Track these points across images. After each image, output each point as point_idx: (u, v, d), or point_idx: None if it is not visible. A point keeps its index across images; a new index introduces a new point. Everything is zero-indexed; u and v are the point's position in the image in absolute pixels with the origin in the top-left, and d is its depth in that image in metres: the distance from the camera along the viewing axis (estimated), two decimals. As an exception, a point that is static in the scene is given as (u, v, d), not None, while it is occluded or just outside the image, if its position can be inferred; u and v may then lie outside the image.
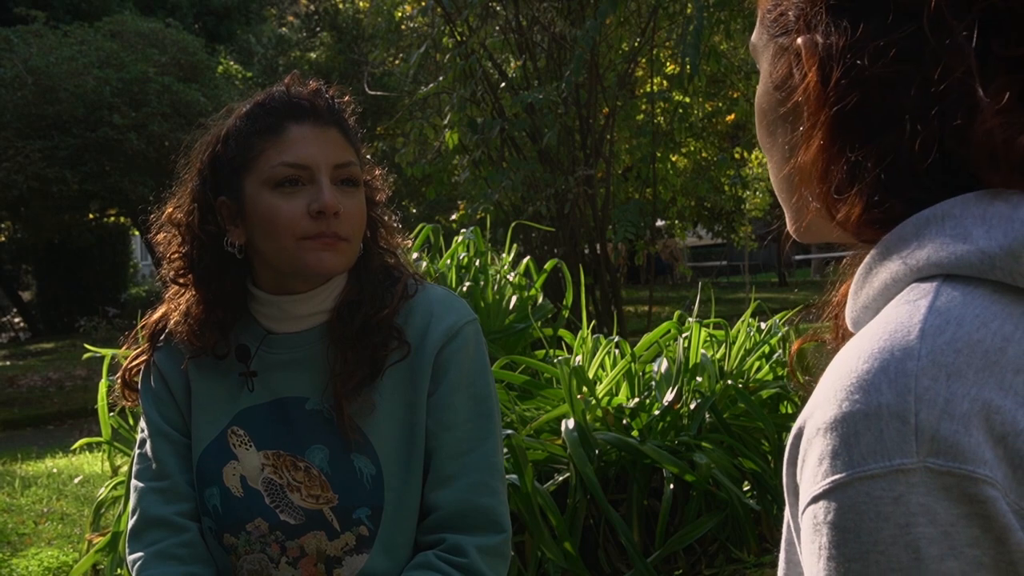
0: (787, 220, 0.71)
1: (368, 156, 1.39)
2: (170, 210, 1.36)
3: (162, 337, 1.40)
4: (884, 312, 0.58)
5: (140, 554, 1.33)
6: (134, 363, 1.43)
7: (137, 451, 1.41)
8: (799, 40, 0.62)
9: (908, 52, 0.57)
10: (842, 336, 0.71)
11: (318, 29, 19.43)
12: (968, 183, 0.57)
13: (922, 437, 0.51)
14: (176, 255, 1.35)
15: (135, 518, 1.35)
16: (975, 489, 0.50)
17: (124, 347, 1.61)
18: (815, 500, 0.53)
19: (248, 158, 1.27)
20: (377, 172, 1.41)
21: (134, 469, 1.40)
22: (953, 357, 0.52)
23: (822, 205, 0.62)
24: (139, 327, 1.48)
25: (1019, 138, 0.55)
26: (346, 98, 1.36)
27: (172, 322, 1.37)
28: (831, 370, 0.56)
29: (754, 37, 0.71)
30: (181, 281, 1.36)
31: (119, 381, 1.45)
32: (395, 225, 1.42)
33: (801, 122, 0.62)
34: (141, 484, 1.37)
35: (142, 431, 1.41)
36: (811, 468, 0.54)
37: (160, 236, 1.37)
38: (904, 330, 0.54)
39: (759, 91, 0.70)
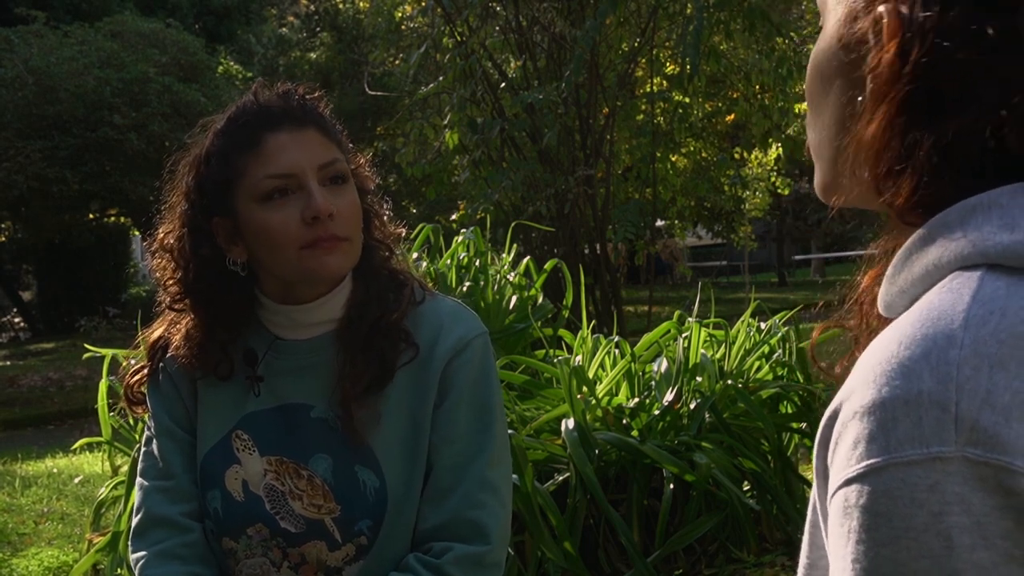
0: (817, 176, 0.70)
1: (351, 145, 1.37)
2: (161, 236, 1.34)
3: (163, 356, 1.40)
4: (925, 299, 0.57)
5: (143, 553, 1.32)
6: (135, 378, 1.43)
7: (143, 449, 1.41)
8: (881, 8, 0.60)
9: (996, 45, 0.56)
10: (867, 322, 0.71)
11: (318, 29, 19.43)
12: (1017, 175, 0.57)
13: (962, 426, 0.51)
14: (171, 281, 1.34)
15: (139, 516, 1.35)
16: (1012, 481, 0.50)
17: (125, 361, 1.59)
18: (848, 483, 0.53)
19: (232, 176, 1.26)
20: (362, 160, 1.38)
21: (140, 467, 1.40)
22: (996, 348, 0.52)
23: (872, 181, 0.61)
24: (139, 339, 1.47)
25: None
26: (317, 93, 1.34)
27: (173, 347, 1.36)
28: (869, 354, 0.56)
29: None
30: (177, 307, 1.35)
31: (124, 398, 1.44)
32: (388, 213, 1.41)
33: (863, 90, 0.61)
34: (146, 483, 1.37)
35: (148, 429, 1.40)
36: (845, 451, 0.54)
37: (155, 262, 1.36)
38: (947, 318, 0.54)
39: (820, 45, 0.67)
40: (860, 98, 0.61)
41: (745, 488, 3.51)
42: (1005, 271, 0.55)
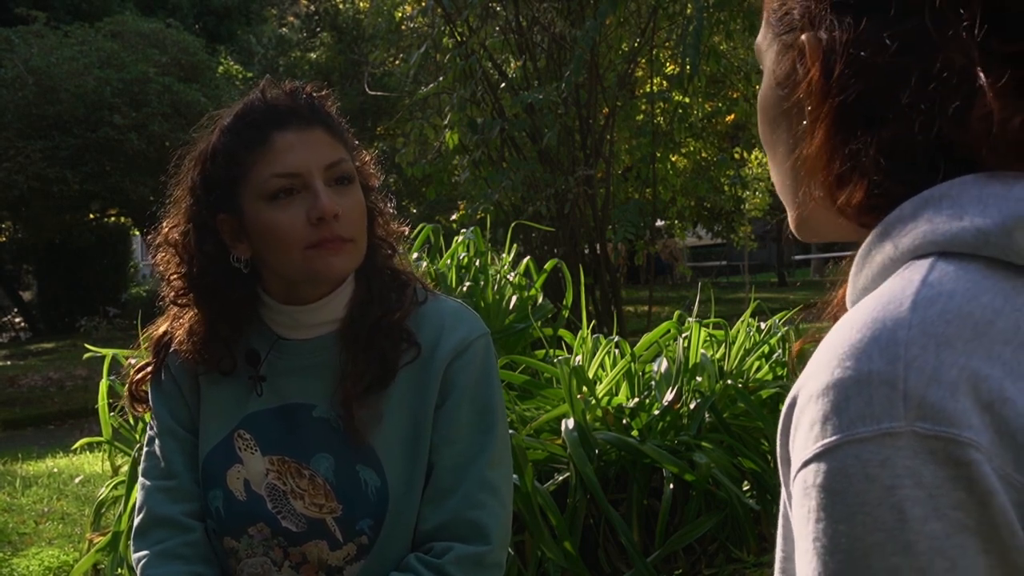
0: (789, 216, 0.72)
1: (356, 142, 1.37)
2: (166, 230, 1.35)
3: (167, 353, 1.40)
4: (880, 287, 0.59)
5: (145, 552, 1.33)
6: (139, 376, 1.43)
7: (146, 448, 1.41)
8: (803, 37, 0.64)
9: (910, 45, 0.60)
10: None
11: (318, 29, 19.42)
12: (966, 168, 0.59)
13: (910, 402, 0.52)
14: (175, 276, 1.34)
15: (141, 516, 1.36)
16: (960, 452, 0.51)
17: (128, 360, 1.60)
18: (806, 464, 0.55)
19: (239, 174, 1.26)
20: (367, 157, 1.39)
21: (141, 467, 1.40)
22: (943, 327, 0.54)
23: (825, 193, 0.64)
24: (142, 338, 1.47)
25: (1015, 119, 0.57)
26: (324, 92, 1.34)
27: (176, 342, 1.37)
28: (826, 341, 0.58)
29: (759, 38, 0.73)
30: (181, 302, 1.35)
31: (126, 394, 1.45)
32: (391, 212, 1.41)
33: (803, 117, 0.65)
34: (148, 482, 1.37)
35: (151, 428, 1.40)
36: (803, 434, 0.56)
37: (159, 257, 1.36)
38: (897, 301, 0.56)
39: (762, 90, 0.72)
40: (803, 122, 0.65)
41: (745, 488, 3.51)
42: (955, 257, 0.57)
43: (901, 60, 0.60)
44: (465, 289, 3.91)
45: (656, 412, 3.47)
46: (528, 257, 4.42)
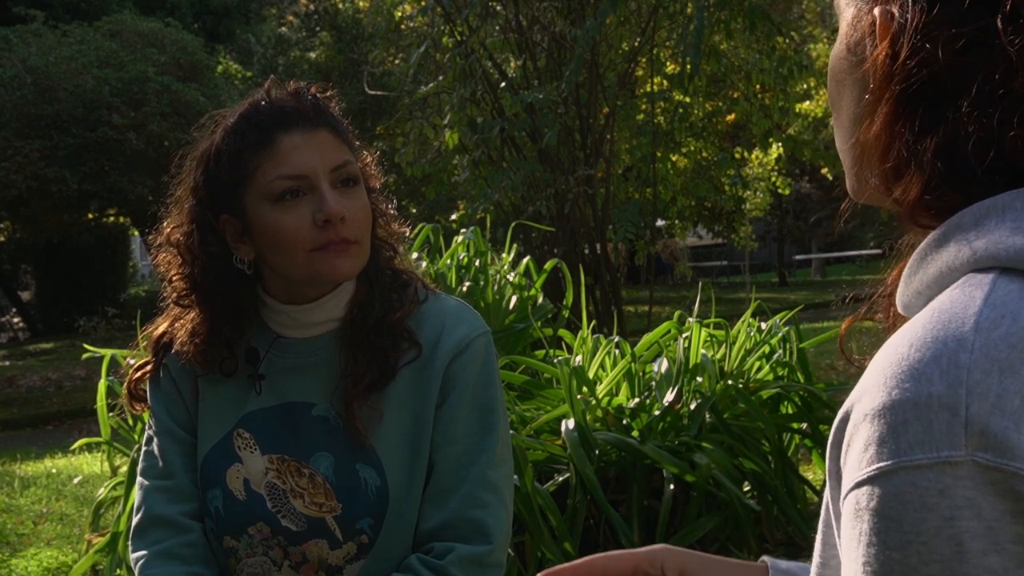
0: (847, 180, 0.71)
1: (358, 143, 1.36)
2: (168, 231, 1.34)
3: (167, 353, 1.39)
4: (938, 300, 0.57)
5: (143, 552, 1.32)
6: (138, 374, 1.42)
7: (144, 448, 1.40)
8: (876, 10, 0.61)
9: (979, 44, 0.57)
10: (893, 318, 0.71)
11: (318, 29, 19.42)
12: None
13: (971, 431, 0.51)
14: (177, 276, 1.33)
15: (139, 516, 1.35)
16: (1022, 487, 0.50)
17: (127, 359, 1.59)
18: (859, 485, 0.54)
19: (244, 175, 1.25)
20: (369, 158, 1.38)
21: (140, 467, 1.40)
22: (1007, 352, 0.52)
23: (880, 183, 0.62)
24: (141, 337, 1.46)
25: None
26: (328, 92, 1.33)
27: (178, 342, 1.36)
28: (881, 356, 0.56)
29: None
30: (184, 303, 1.35)
31: (125, 392, 1.44)
32: (392, 212, 1.40)
33: (867, 91, 0.62)
34: (147, 482, 1.36)
35: (149, 428, 1.40)
36: (856, 453, 0.54)
37: (160, 257, 1.35)
38: (959, 321, 0.54)
39: (834, 50, 0.69)
40: (866, 100, 0.62)
41: (745, 488, 3.51)
42: (1018, 275, 0.55)
43: (968, 59, 0.56)
44: (465, 289, 3.90)
45: (656, 412, 3.46)
46: (528, 257, 4.42)
